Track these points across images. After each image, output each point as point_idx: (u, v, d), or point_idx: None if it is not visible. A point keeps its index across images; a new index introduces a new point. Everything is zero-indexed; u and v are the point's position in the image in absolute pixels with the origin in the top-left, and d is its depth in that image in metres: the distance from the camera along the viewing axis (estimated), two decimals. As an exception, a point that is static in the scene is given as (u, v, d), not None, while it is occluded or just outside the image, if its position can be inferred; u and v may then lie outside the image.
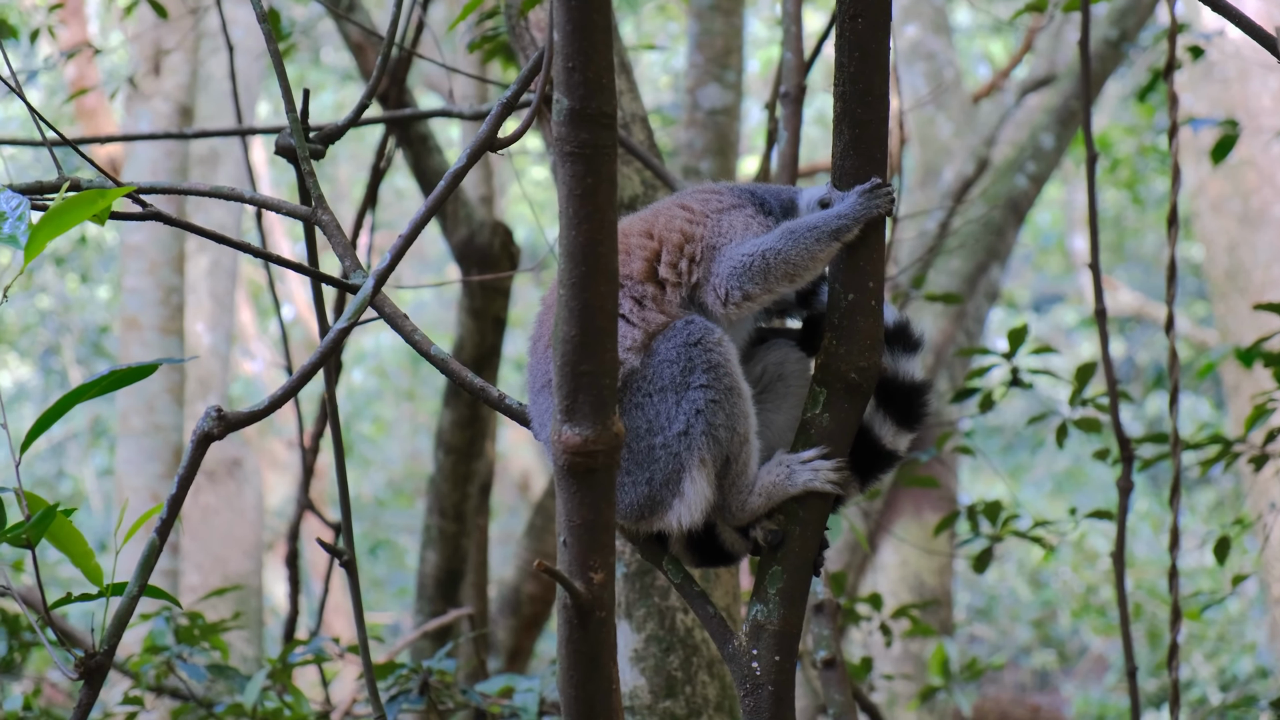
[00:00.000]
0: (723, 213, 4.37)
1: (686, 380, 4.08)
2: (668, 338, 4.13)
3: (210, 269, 14.68)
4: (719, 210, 4.38)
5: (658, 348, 4.13)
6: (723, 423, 4.10)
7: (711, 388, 4.08)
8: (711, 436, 4.10)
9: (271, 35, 4.50)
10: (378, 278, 4.04)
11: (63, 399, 3.71)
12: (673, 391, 4.09)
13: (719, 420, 4.09)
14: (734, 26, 10.11)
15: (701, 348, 4.09)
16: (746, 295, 4.20)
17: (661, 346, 4.13)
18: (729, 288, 4.21)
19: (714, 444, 4.10)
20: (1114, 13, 12.88)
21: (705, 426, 4.09)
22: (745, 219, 4.35)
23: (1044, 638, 24.17)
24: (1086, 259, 9.90)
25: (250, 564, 14.50)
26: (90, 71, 15.31)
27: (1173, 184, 6.92)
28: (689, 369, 4.08)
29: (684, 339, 4.11)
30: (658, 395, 4.10)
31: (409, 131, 9.64)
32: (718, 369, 4.09)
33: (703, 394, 4.08)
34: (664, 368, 4.10)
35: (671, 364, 4.10)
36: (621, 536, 4.27)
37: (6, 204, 3.61)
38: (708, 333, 4.11)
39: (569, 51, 3.46)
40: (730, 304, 4.23)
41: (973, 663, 10.12)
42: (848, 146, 4.07)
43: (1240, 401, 14.65)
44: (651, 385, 4.11)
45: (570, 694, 3.85)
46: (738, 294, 4.21)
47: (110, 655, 3.61)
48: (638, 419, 4.11)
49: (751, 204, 4.41)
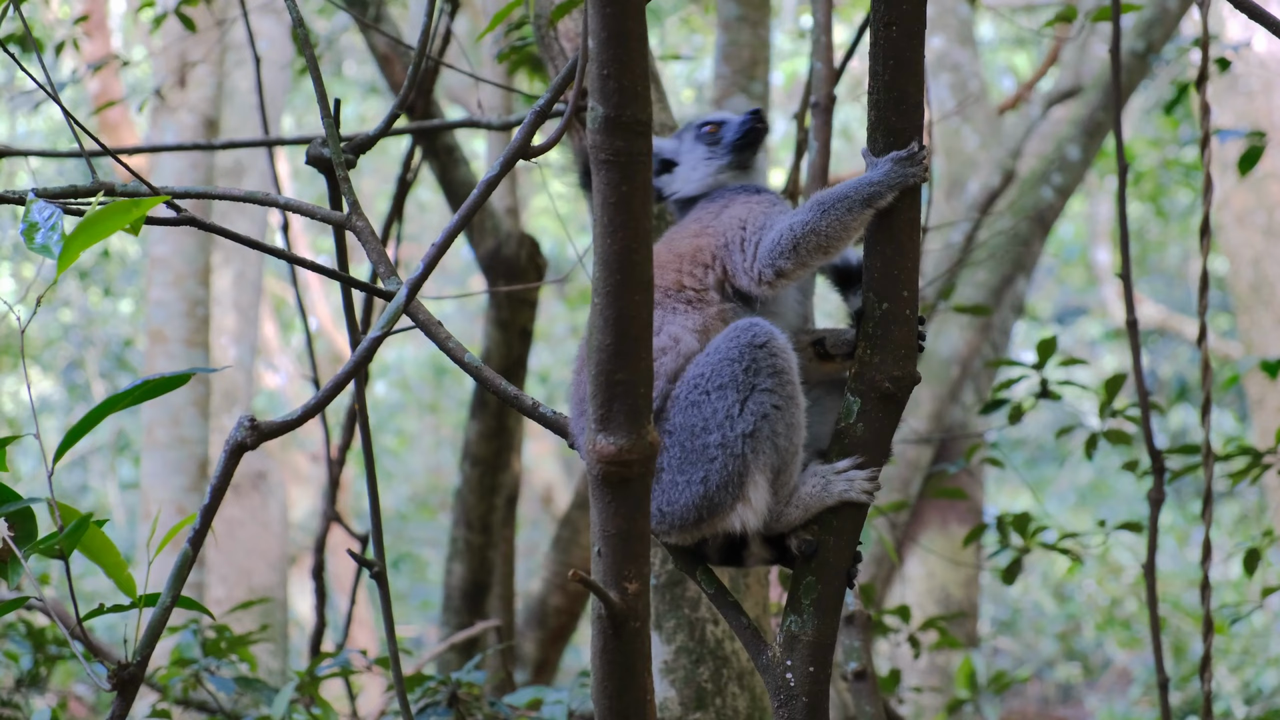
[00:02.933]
0: (722, 212, 4.39)
1: (752, 381, 4.05)
2: (729, 336, 4.11)
3: (235, 281, 14.68)
4: (718, 212, 4.40)
5: (717, 344, 4.12)
6: (783, 431, 4.09)
7: (776, 393, 4.06)
8: (774, 443, 4.08)
9: (307, 40, 4.49)
10: (412, 286, 4.03)
11: (95, 410, 3.70)
12: (734, 389, 4.06)
13: (780, 429, 4.08)
14: (760, 38, 10.09)
15: (767, 351, 4.07)
16: (780, 272, 4.20)
17: (722, 344, 4.11)
18: (760, 268, 4.22)
19: (775, 452, 4.09)
20: (1140, 25, 12.85)
21: (770, 431, 4.07)
22: (745, 204, 4.38)
23: (1068, 651, 24.13)
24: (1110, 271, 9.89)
25: (275, 577, 14.51)
26: (114, 85, 15.36)
27: (1205, 194, 6.88)
28: (754, 370, 4.06)
29: (749, 339, 4.08)
30: (716, 393, 4.07)
31: (435, 143, 9.64)
32: (782, 375, 4.08)
33: (769, 398, 4.06)
34: (725, 365, 4.08)
35: (734, 362, 4.07)
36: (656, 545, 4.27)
37: (39, 214, 3.60)
38: (772, 337, 4.09)
39: (604, 59, 3.45)
40: (764, 283, 4.24)
41: (999, 675, 10.09)
42: (882, 154, 4.06)
43: (1265, 414, 14.62)
44: (710, 383, 4.08)
45: (605, 704, 3.84)
46: (770, 272, 4.22)
47: (143, 666, 3.59)
48: (693, 417, 4.09)
49: (746, 190, 4.47)
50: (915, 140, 4.05)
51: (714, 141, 4.53)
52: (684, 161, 4.60)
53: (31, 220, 3.63)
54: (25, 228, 3.62)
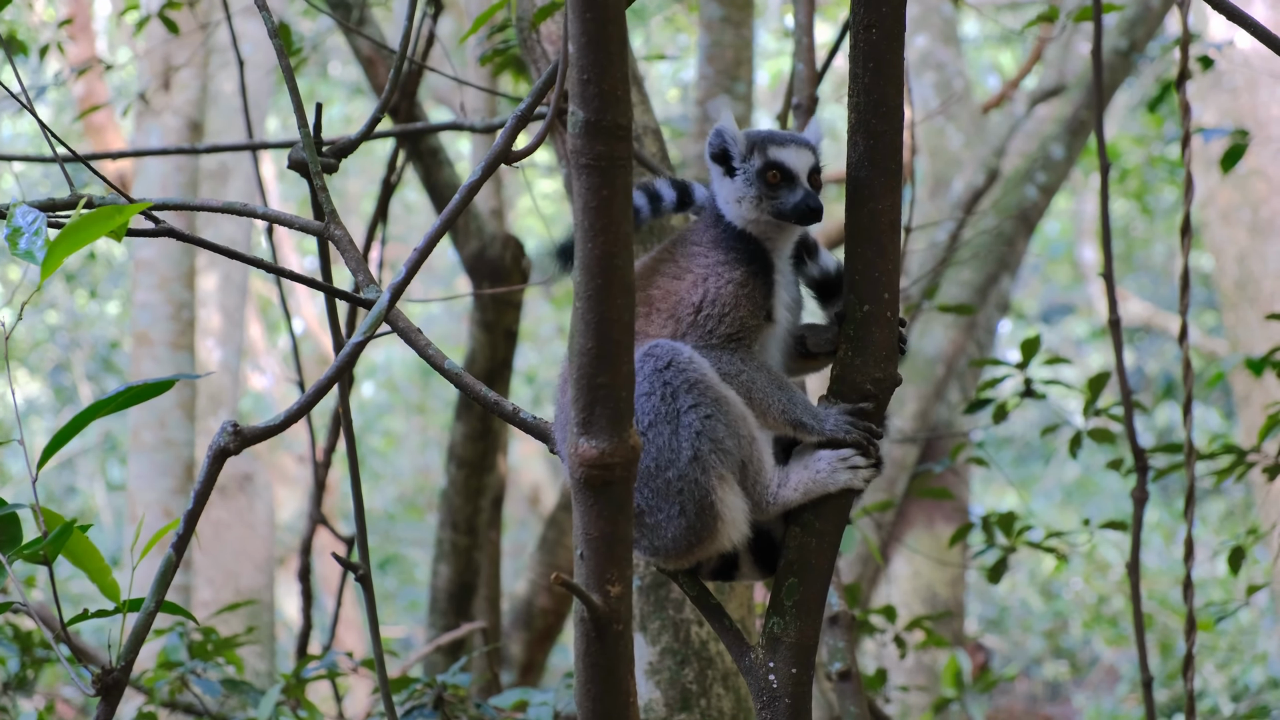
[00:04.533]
0: (713, 273, 4.29)
1: (673, 406, 4.04)
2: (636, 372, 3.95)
3: (221, 284, 14.68)
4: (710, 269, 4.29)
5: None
6: (725, 434, 4.06)
7: (701, 405, 4.04)
8: (721, 450, 4.07)
9: (283, 50, 4.49)
10: (393, 292, 4.03)
11: (79, 415, 3.70)
12: (664, 423, 4.05)
13: (721, 433, 4.06)
14: (744, 38, 10.11)
15: (674, 369, 4.05)
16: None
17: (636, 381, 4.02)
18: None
19: (726, 456, 4.07)
20: (1123, 23, 12.88)
21: (711, 445, 4.05)
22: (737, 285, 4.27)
23: (1055, 648, 24.16)
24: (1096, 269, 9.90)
25: (262, 579, 14.51)
26: (99, 88, 15.35)
27: (1185, 193, 6.90)
28: (671, 394, 4.04)
29: (653, 367, 4.06)
30: (651, 431, 4.05)
31: (419, 145, 9.63)
32: (699, 385, 4.05)
33: (695, 414, 4.04)
34: (645, 401, 4.05)
35: (650, 395, 4.05)
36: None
37: (23, 220, 3.62)
38: (675, 353, 4.07)
39: (584, 63, 3.45)
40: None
41: (985, 674, 10.10)
42: (863, 157, 4.06)
43: (1251, 411, 14.63)
44: (641, 424, 4.04)
45: (588, 707, 3.84)
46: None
47: (128, 671, 3.60)
48: (644, 459, 4.06)
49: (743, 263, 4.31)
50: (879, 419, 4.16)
51: (774, 195, 4.37)
52: (730, 187, 4.38)
53: (16, 226, 3.64)
54: (9, 234, 3.63)
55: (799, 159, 4.33)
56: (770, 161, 4.32)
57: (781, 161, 4.32)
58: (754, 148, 4.35)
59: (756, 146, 4.35)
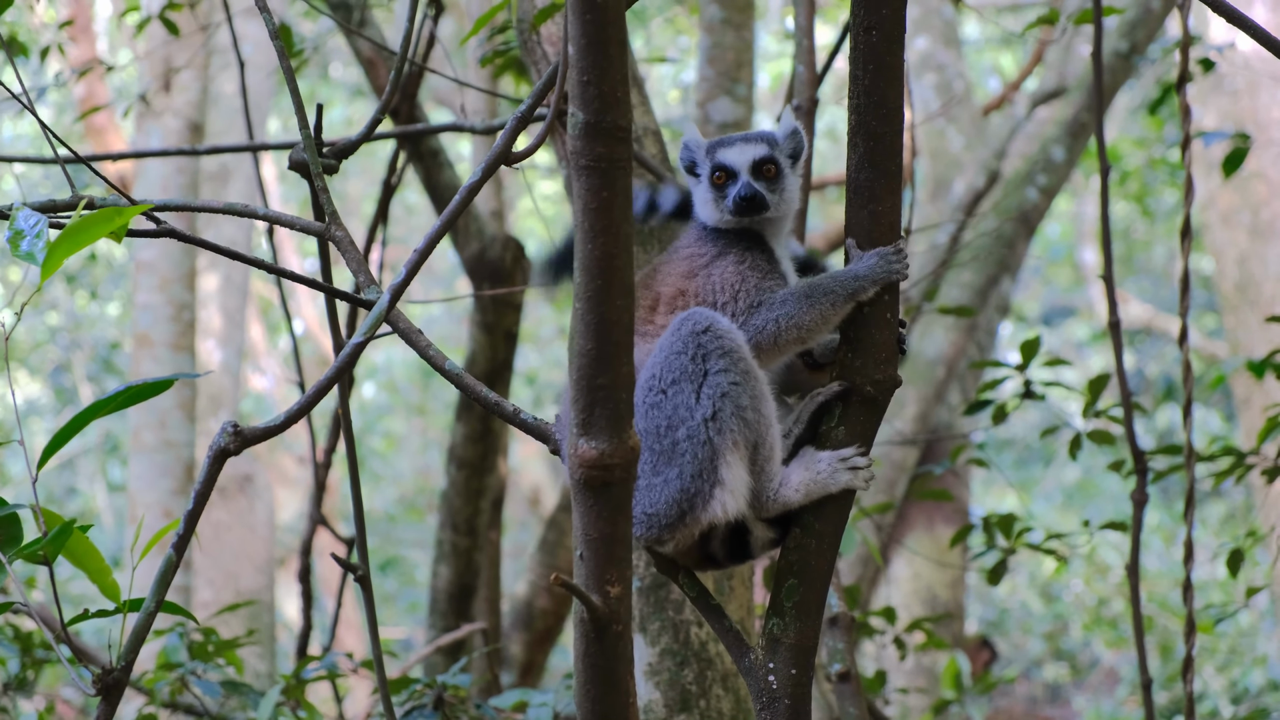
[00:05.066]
0: (715, 262, 4.38)
1: (703, 367, 4.06)
2: (671, 332, 4.11)
3: (221, 285, 14.68)
4: (711, 259, 4.39)
5: (662, 343, 4.12)
6: (749, 404, 4.07)
7: (731, 371, 4.06)
8: (740, 418, 4.07)
9: (284, 52, 4.50)
10: (393, 292, 4.03)
11: (79, 415, 3.71)
12: (688, 381, 4.06)
13: (745, 402, 4.07)
14: (744, 40, 10.12)
15: (711, 334, 4.07)
16: (756, 356, 4.19)
17: (666, 341, 4.11)
18: None
19: (744, 426, 4.08)
20: (1124, 25, 12.87)
21: (733, 408, 4.06)
22: (738, 265, 4.35)
23: (1055, 650, 24.16)
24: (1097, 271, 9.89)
25: (262, 580, 14.50)
26: (99, 89, 15.35)
27: (1185, 196, 6.90)
28: (703, 355, 4.06)
29: (690, 329, 4.09)
30: (672, 389, 4.07)
31: (420, 147, 9.63)
32: (732, 353, 4.08)
33: (724, 377, 4.05)
34: (674, 360, 4.08)
35: (680, 354, 4.08)
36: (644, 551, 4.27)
37: (24, 221, 3.62)
38: (714, 321, 4.10)
39: (584, 65, 3.45)
40: None
41: (985, 675, 10.10)
42: (863, 159, 4.06)
43: (1251, 414, 14.63)
44: (663, 381, 4.09)
45: (587, 708, 3.85)
46: None
47: (128, 671, 3.60)
48: (656, 418, 4.10)
49: (735, 245, 4.41)
50: (899, 239, 4.11)
51: (722, 194, 4.47)
52: (698, 192, 4.56)
53: (17, 228, 3.64)
54: (11, 235, 3.63)
55: (740, 155, 4.47)
56: (715, 164, 4.48)
57: (723, 162, 4.47)
58: (707, 154, 4.51)
59: (709, 152, 4.51)
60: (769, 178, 4.47)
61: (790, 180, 4.52)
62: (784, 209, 4.50)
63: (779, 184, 4.48)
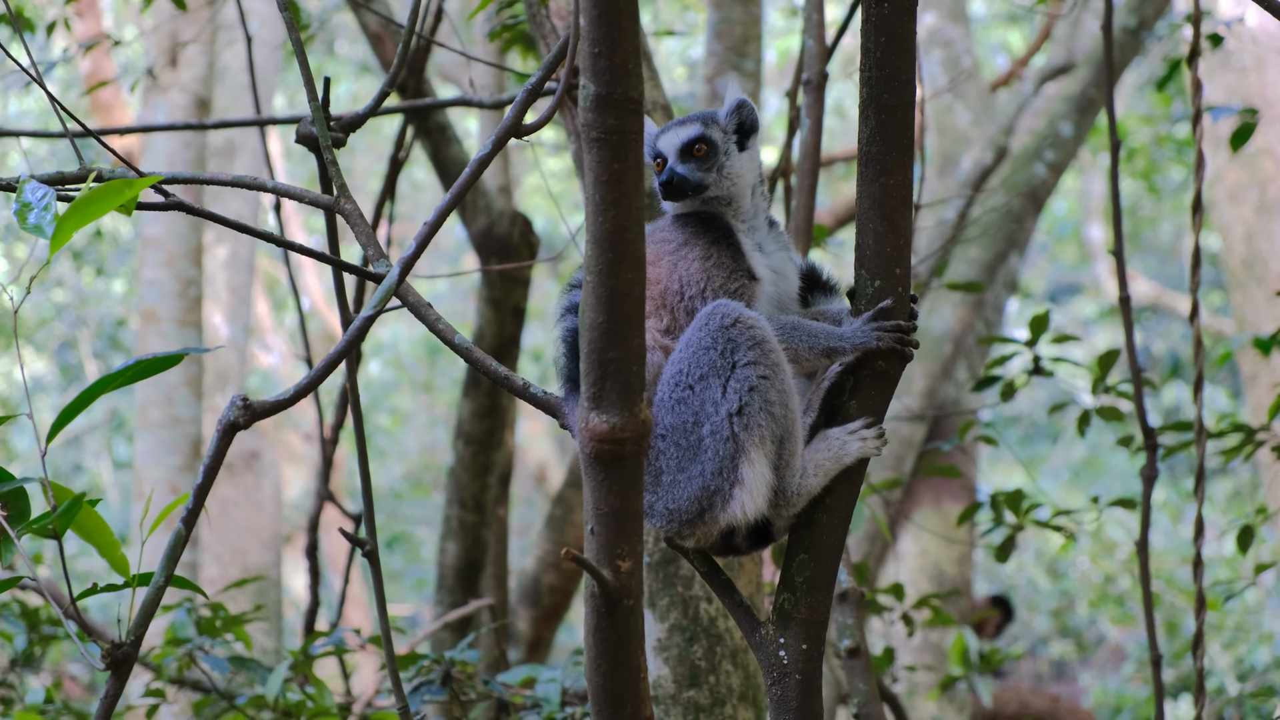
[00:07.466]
0: (683, 249, 4.32)
1: (731, 360, 3.99)
2: (698, 326, 4.04)
3: (228, 261, 14.65)
4: (680, 245, 4.34)
5: (688, 338, 4.06)
6: (776, 399, 4.01)
7: (760, 363, 4.00)
8: (768, 412, 4.01)
9: (293, 23, 4.48)
10: (403, 265, 4.01)
11: (88, 390, 3.70)
12: (715, 376, 4.00)
13: (773, 396, 4.01)
14: (752, 15, 10.10)
15: (740, 327, 4.01)
16: None
17: (693, 335, 4.05)
18: None
19: (771, 420, 4.02)
20: (1132, 1, 12.85)
21: (761, 403, 4.00)
22: (705, 255, 4.30)
23: (1062, 627, 24.16)
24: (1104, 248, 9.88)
25: (269, 556, 14.50)
26: (105, 65, 15.33)
27: (1196, 170, 6.88)
28: (731, 349, 4.00)
29: (719, 323, 4.02)
30: (699, 384, 4.01)
31: (427, 122, 9.62)
32: (763, 344, 4.02)
33: (753, 370, 3.99)
34: (701, 355, 4.02)
35: (709, 350, 4.01)
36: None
37: (32, 195, 3.61)
38: (741, 313, 4.03)
39: (595, 36, 3.44)
40: None
41: (993, 653, 10.09)
42: (874, 132, 4.03)
43: (1258, 390, 14.63)
44: (689, 376, 4.02)
45: (598, 682, 3.84)
46: None
47: (137, 646, 3.59)
48: (682, 414, 4.03)
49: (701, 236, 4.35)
50: (905, 313, 4.09)
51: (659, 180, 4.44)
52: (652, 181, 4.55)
53: (25, 201, 3.63)
54: (19, 208, 3.62)
55: (669, 141, 4.44)
56: (653, 151, 4.46)
57: (657, 149, 4.45)
58: (654, 141, 4.47)
59: (655, 140, 4.47)
60: (699, 157, 4.40)
61: (734, 156, 4.44)
62: (728, 186, 4.43)
63: (713, 161, 4.41)
